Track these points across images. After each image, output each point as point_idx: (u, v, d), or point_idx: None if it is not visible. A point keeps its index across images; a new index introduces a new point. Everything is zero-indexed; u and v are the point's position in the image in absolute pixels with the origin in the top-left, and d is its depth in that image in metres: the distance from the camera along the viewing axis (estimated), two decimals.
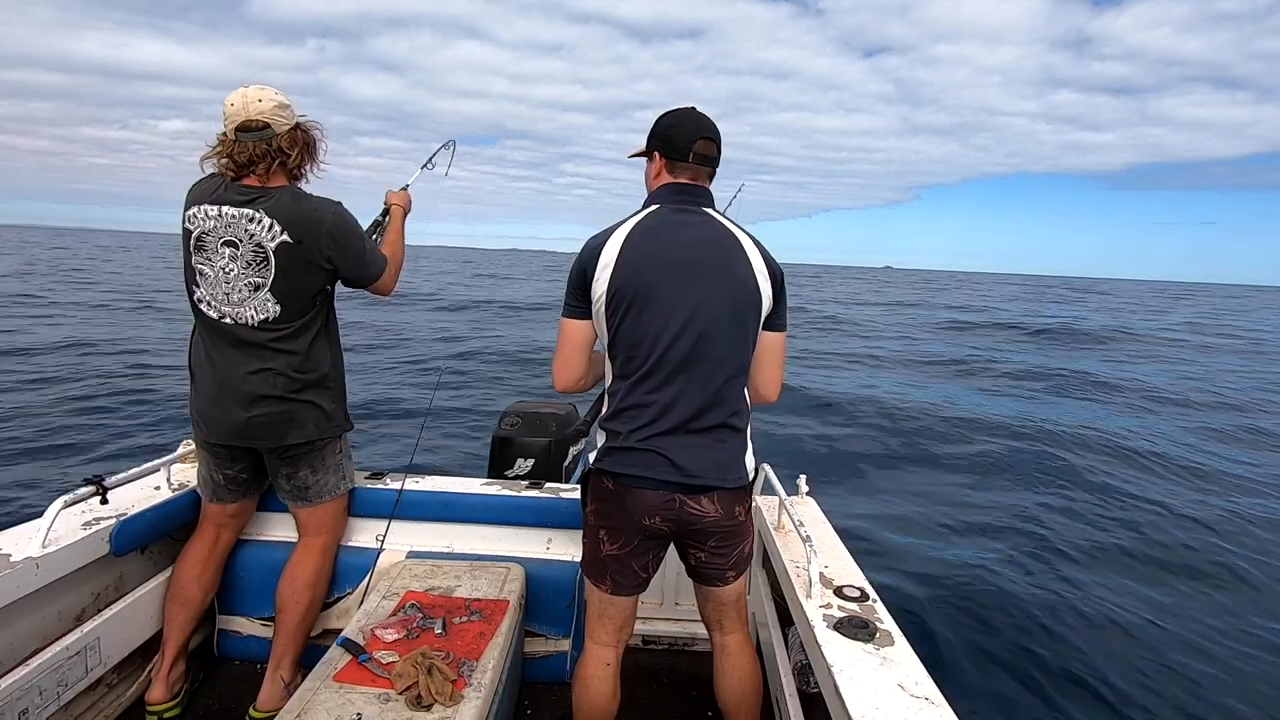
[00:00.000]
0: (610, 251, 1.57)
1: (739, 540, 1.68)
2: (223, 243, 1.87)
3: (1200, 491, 6.36)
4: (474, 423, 7.54)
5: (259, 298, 1.89)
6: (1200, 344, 19.11)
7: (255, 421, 1.94)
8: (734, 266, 1.57)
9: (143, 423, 6.92)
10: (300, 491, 2.09)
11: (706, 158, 1.63)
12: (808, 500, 2.42)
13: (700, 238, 1.58)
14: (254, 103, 1.86)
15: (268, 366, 1.92)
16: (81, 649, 1.85)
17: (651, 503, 1.58)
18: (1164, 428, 8.95)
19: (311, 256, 1.90)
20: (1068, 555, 4.79)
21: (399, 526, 2.29)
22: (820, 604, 1.67)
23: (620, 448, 1.59)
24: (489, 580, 2.13)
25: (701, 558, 1.67)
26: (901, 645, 1.51)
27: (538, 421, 3.01)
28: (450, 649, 1.75)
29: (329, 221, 1.91)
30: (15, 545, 1.75)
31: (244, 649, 2.29)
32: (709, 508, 1.58)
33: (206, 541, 2.12)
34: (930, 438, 7.86)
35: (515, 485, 2.44)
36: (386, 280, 2.09)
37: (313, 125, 1.99)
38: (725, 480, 1.59)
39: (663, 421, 1.56)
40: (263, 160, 1.87)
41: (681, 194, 1.62)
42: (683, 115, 1.64)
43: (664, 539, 1.66)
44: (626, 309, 1.56)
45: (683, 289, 1.54)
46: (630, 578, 1.68)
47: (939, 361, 14.29)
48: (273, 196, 1.88)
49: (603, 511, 1.66)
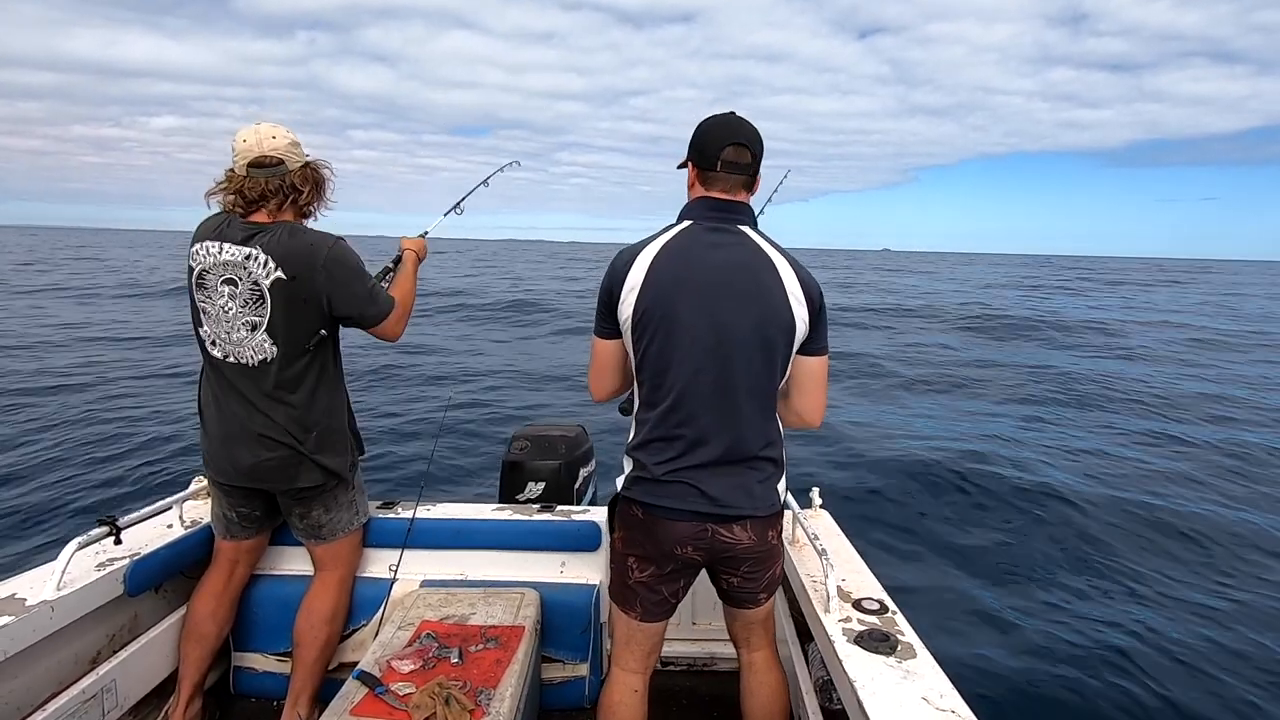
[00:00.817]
0: (637, 273, 1.52)
1: (770, 563, 1.66)
2: (223, 281, 1.86)
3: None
4: (484, 448, 7.54)
5: (256, 338, 1.87)
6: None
7: (264, 465, 1.93)
8: (766, 291, 1.49)
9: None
10: (314, 530, 2.09)
11: (738, 165, 1.53)
12: (821, 513, 2.40)
13: (731, 260, 1.51)
14: (268, 139, 1.86)
15: (270, 415, 1.90)
16: (98, 691, 1.84)
17: (683, 533, 1.56)
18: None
19: (306, 293, 1.85)
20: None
21: (412, 555, 2.28)
22: (839, 618, 1.65)
23: (649, 472, 1.56)
24: (504, 606, 2.11)
25: (735, 583, 1.66)
26: (924, 657, 1.49)
27: (547, 444, 3.00)
28: (467, 678, 1.74)
29: (325, 255, 1.86)
30: (30, 589, 1.75)
31: (260, 686, 2.27)
32: (741, 535, 1.57)
33: (221, 578, 2.11)
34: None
35: (527, 509, 2.43)
36: (391, 324, 2.00)
37: (323, 164, 1.99)
38: (758, 509, 1.56)
39: (692, 456, 1.53)
40: (275, 196, 1.87)
41: (715, 210, 1.55)
42: (715, 121, 1.55)
43: (696, 566, 1.64)
44: (653, 335, 1.51)
45: (710, 316, 1.48)
46: (660, 604, 1.66)
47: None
48: (271, 232, 1.86)
49: (632, 540, 1.63)
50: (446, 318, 18.28)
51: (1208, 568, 4.71)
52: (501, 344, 14.68)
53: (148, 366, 10.61)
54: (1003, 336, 17.17)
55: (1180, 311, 25.37)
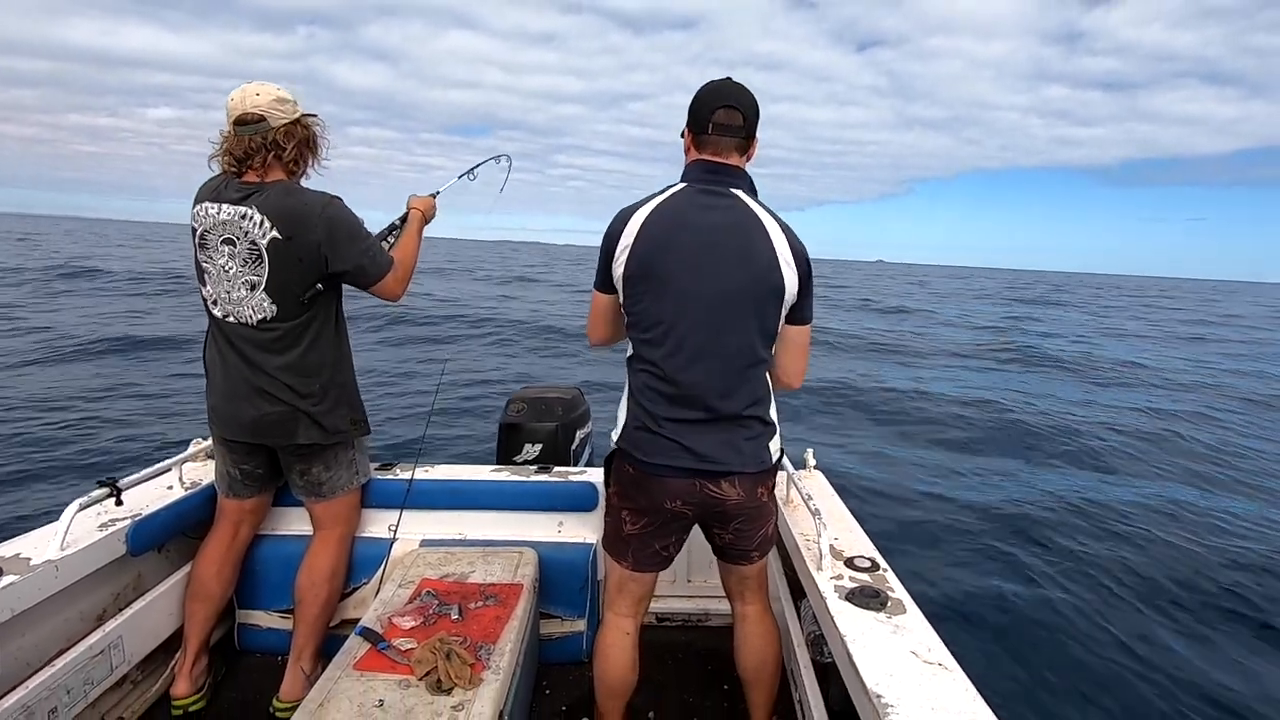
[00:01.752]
0: (631, 231, 1.55)
1: (762, 521, 1.69)
2: (222, 240, 1.87)
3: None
4: (482, 408, 7.56)
5: (255, 297, 1.88)
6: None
7: (265, 420, 1.95)
8: (756, 253, 1.51)
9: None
10: (314, 487, 2.11)
11: (728, 127, 1.54)
12: (815, 474, 2.43)
13: (722, 221, 1.53)
14: (251, 96, 1.86)
15: (269, 370, 1.92)
16: (105, 648, 1.88)
17: (674, 489, 1.60)
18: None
19: (303, 253, 1.87)
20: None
21: (411, 516, 2.31)
22: (831, 575, 1.69)
23: (641, 429, 1.60)
24: (502, 565, 2.15)
25: (727, 539, 1.70)
26: (913, 613, 1.52)
27: (544, 407, 3.02)
28: (467, 634, 1.78)
29: (320, 214, 1.87)
30: (34, 549, 1.77)
31: (264, 642, 2.32)
32: (730, 491, 1.59)
33: (225, 537, 2.14)
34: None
35: (524, 470, 2.46)
36: (390, 283, 2.00)
37: (314, 120, 1.98)
38: (746, 465, 1.59)
39: (681, 409, 1.56)
40: (258, 153, 1.86)
41: (709, 173, 1.56)
42: (708, 86, 1.57)
43: (687, 520, 1.68)
44: (643, 292, 1.55)
45: (699, 276, 1.51)
46: (652, 556, 1.72)
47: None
48: (265, 192, 1.86)
49: (626, 494, 1.69)
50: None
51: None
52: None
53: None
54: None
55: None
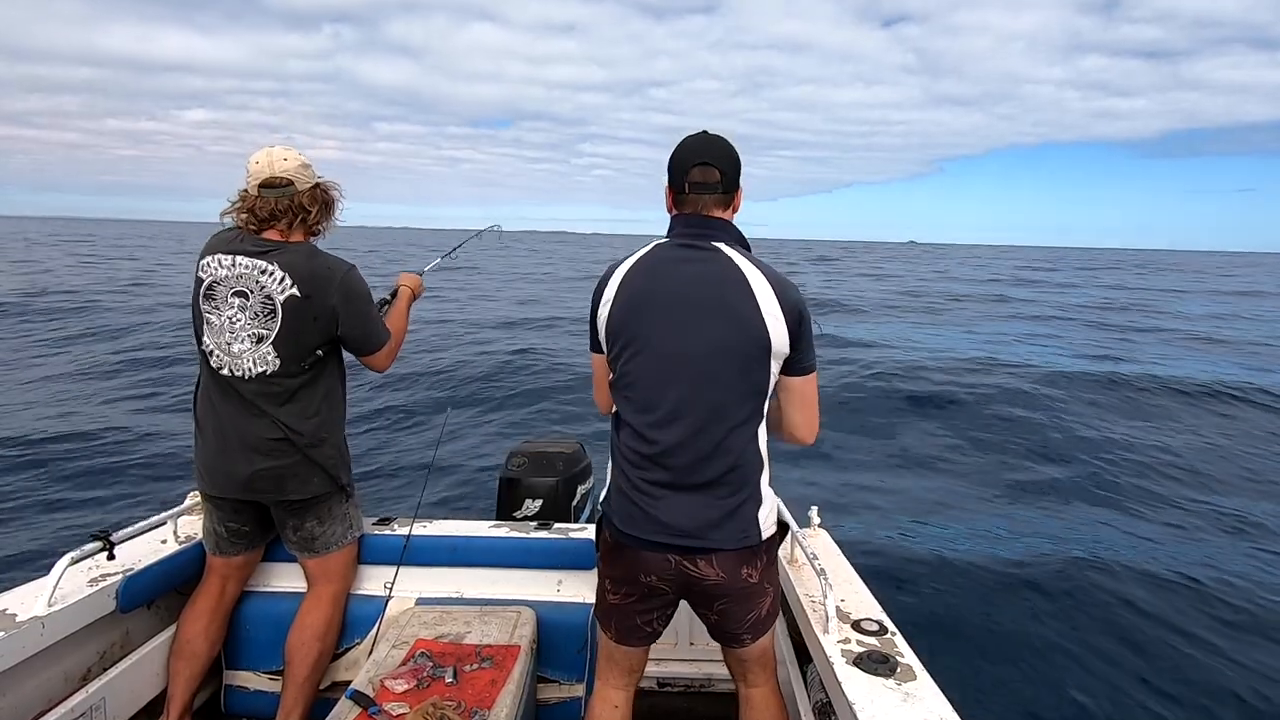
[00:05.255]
0: (611, 288, 1.53)
1: (750, 603, 1.55)
2: (233, 293, 1.91)
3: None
4: (481, 463, 7.51)
5: (260, 350, 1.91)
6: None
7: (259, 475, 1.94)
8: (737, 307, 1.45)
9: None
10: (307, 543, 2.08)
11: (705, 185, 1.50)
12: (820, 532, 2.39)
13: (698, 275, 1.48)
14: (279, 161, 1.94)
15: (265, 423, 1.94)
16: (87, 709, 1.82)
17: (648, 563, 1.52)
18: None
19: (318, 312, 1.93)
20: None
21: (407, 573, 2.26)
22: (838, 639, 1.64)
23: (620, 494, 1.54)
24: (499, 625, 2.09)
25: (712, 619, 1.60)
26: (924, 679, 1.47)
27: (545, 461, 2.99)
28: (461, 698, 1.72)
29: (340, 280, 1.95)
30: (21, 605, 1.73)
31: (251, 705, 2.24)
32: (708, 571, 1.49)
33: (212, 595, 2.10)
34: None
35: (524, 526, 2.42)
36: (383, 355, 2.09)
37: (331, 185, 2.06)
38: (725, 542, 1.48)
39: (656, 470, 1.48)
40: (285, 215, 1.94)
41: (689, 227, 1.52)
42: (684, 143, 1.54)
43: (669, 596, 1.58)
44: (621, 350, 1.51)
45: (676, 332, 1.46)
46: (634, 630, 1.63)
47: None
48: (287, 251, 1.93)
49: (607, 561, 1.62)
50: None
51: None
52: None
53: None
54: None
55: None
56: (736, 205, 1.57)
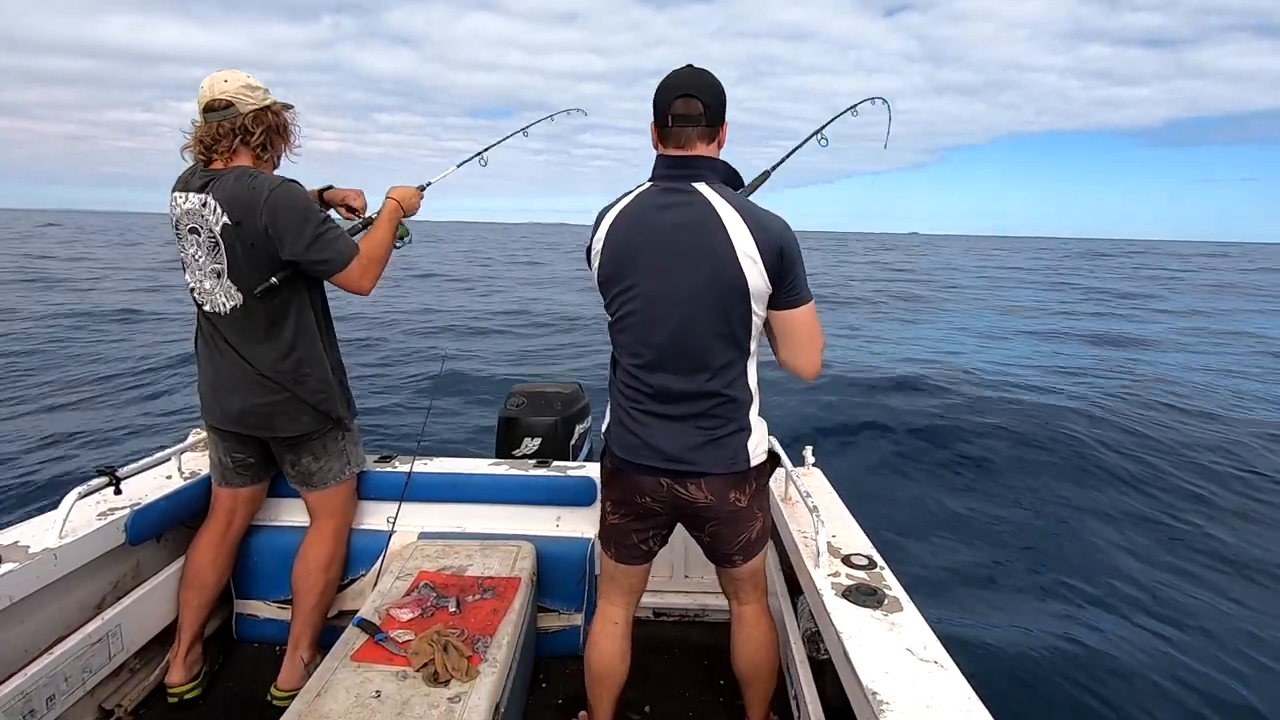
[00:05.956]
0: (600, 236, 1.57)
1: (740, 526, 1.63)
2: (189, 230, 1.88)
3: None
4: (481, 401, 7.56)
5: (223, 285, 1.88)
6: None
7: (250, 411, 1.96)
8: (712, 250, 1.46)
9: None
10: (305, 477, 2.11)
11: (688, 117, 1.48)
12: (814, 471, 2.43)
13: (679, 220, 1.49)
14: (220, 83, 1.85)
15: (248, 359, 1.93)
16: (103, 636, 1.88)
17: (642, 485, 1.61)
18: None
19: (251, 238, 1.81)
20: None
21: (409, 508, 2.31)
22: (828, 572, 1.69)
23: (619, 425, 1.63)
24: (500, 559, 2.15)
25: (705, 540, 1.69)
26: (910, 611, 1.53)
27: (543, 401, 3.02)
28: (465, 626, 1.78)
29: (266, 198, 1.79)
30: (33, 537, 1.77)
31: (262, 632, 2.32)
32: (697, 494, 1.57)
33: (218, 527, 2.15)
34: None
35: (523, 464, 2.46)
36: (355, 273, 1.89)
37: (285, 106, 1.97)
38: (713, 466, 1.55)
39: (651, 405, 1.57)
40: (225, 138, 1.85)
41: (670, 168, 1.53)
42: (668, 77, 1.52)
43: (662, 518, 1.68)
44: (613, 296, 1.57)
45: (658, 279, 1.50)
46: (632, 549, 1.72)
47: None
48: (221, 178, 1.83)
49: (608, 485, 1.72)
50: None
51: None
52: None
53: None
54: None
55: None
56: (722, 140, 1.56)
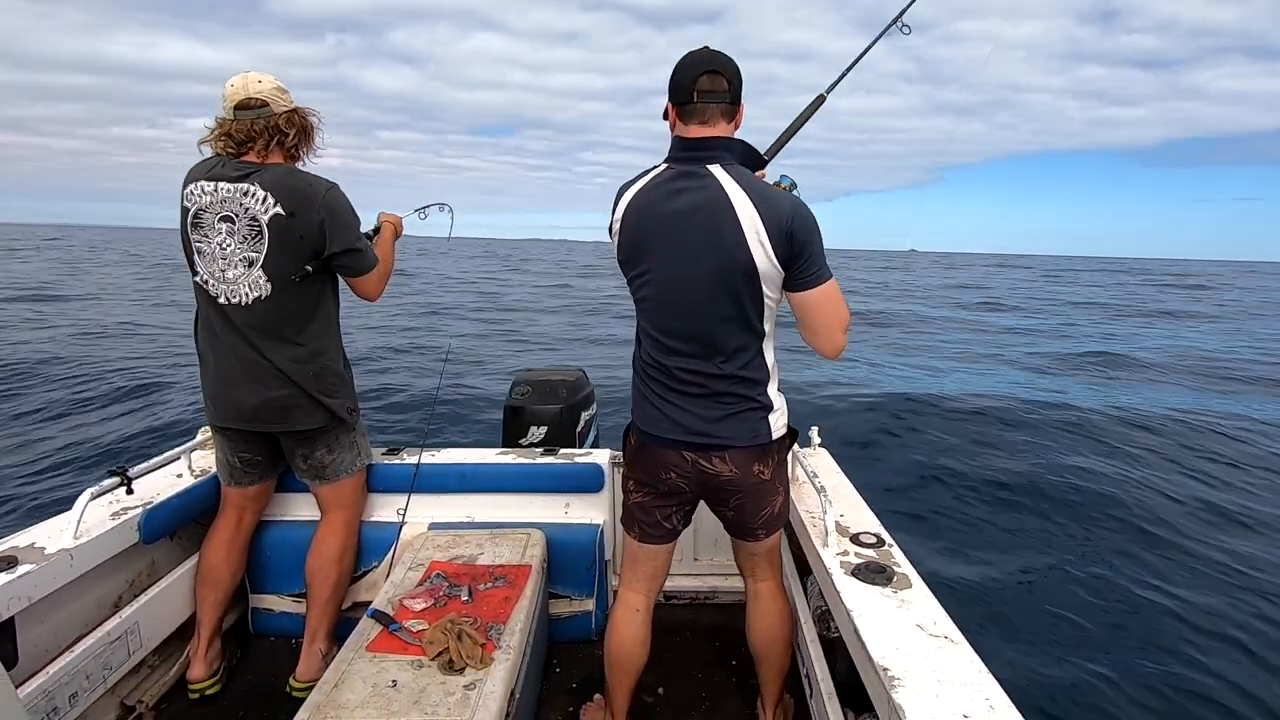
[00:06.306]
0: (618, 217, 1.59)
1: (764, 499, 1.66)
2: (220, 218, 1.89)
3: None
4: (487, 392, 7.59)
5: (252, 275, 1.90)
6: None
7: (265, 405, 1.96)
8: (721, 234, 1.46)
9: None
10: (317, 471, 2.12)
11: (713, 93, 1.48)
12: (820, 451, 2.44)
13: (691, 204, 1.49)
14: (254, 83, 1.90)
15: (266, 352, 1.94)
16: (122, 634, 1.91)
17: (668, 460, 1.63)
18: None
19: (304, 230, 1.89)
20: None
21: (419, 500, 2.33)
22: (837, 551, 1.70)
23: (644, 401, 1.65)
24: (510, 547, 2.17)
25: (729, 515, 1.70)
26: (919, 587, 1.53)
27: (548, 389, 3.02)
28: (477, 614, 1.80)
29: (324, 195, 1.91)
30: (49, 539, 1.79)
31: (278, 625, 2.35)
32: (722, 467, 1.60)
33: (229, 525, 2.17)
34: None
35: (530, 453, 2.47)
36: (374, 279, 2.04)
37: (311, 111, 2.01)
38: (737, 439, 1.58)
39: (674, 387, 1.59)
40: (260, 137, 1.91)
41: (686, 150, 1.53)
42: (685, 57, 1.52)
43: (686, 494, 1.69)
44: (633, 276, 1.61)
45: (669, 264, 1.52)
46: (655, 527, 1.73)
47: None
48: (267, 171, 1.90)
49: (631, 463, 1.74)
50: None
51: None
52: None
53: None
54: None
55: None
56: (739, 120, 1.57)
